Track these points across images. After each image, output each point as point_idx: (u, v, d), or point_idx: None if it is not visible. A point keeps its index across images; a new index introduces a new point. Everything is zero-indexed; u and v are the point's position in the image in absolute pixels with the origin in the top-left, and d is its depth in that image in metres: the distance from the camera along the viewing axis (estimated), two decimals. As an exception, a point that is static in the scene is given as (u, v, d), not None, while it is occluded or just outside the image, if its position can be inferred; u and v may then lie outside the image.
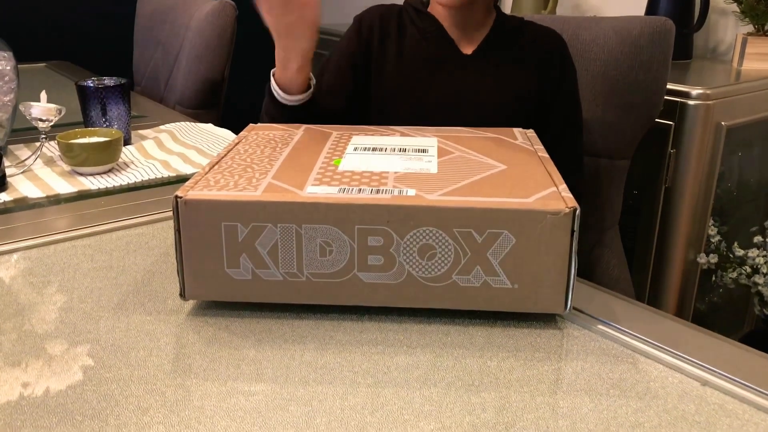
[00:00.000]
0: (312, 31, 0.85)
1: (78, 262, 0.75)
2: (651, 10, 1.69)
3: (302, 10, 0.82)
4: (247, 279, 0.62)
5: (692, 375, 0.55)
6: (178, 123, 1.30)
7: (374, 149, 0.75)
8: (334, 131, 0.83)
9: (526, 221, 0.59)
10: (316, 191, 0.62)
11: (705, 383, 0.54)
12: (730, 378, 0.55)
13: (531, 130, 0.85)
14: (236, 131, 1.24)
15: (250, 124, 0.89)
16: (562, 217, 0.59)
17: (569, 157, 1.02)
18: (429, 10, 1.05)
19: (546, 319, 0.64)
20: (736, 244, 1.39)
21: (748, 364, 0.57)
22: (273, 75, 0.93)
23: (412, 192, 0.62)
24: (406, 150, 0.75)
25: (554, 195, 0.61)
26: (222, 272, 0.62)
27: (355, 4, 2.77)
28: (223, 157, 0.73)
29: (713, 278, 1.46)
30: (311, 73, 0.93)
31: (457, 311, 0.64)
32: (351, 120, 1.08)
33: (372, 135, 0.82)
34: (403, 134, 0.82)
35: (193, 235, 0.62)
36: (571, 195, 0.61)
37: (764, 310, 1.36)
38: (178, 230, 0.62)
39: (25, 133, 1.23)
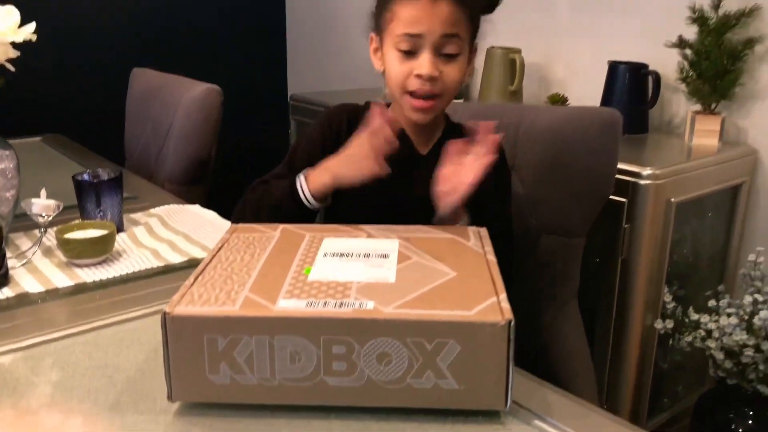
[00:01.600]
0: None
1: (77, 360, 0.83)
2: (609, 86, 1.82)
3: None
4: (226, 383, 0.71)
5: (611, 469, 0.64)
6: (166, 206, 1.39)
7: (342, 255, 0.85)
8: (308, 233, 0.93)
9: (469, 332, 0.69)
10: (286, 306, 0.71)
11: (621, 477, 0.63)
12: (643, 471, 0.63)
13: (484, 229, 0.95)
14: (223, 207, 1.33)
15: (231, 225, 0.99)
16: (499, 328, 0.68)
17: (505, 245, 1.14)
18: (390, 110, 1.16)
19: (490, 415, 0.72)
20: (691, 308, 1.49)
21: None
22: (305, 176, 1.05)
23: (371, 305, 0.71)
24: (370, 255, 0.85)
25: (493, 306, 0.71)
26: (204, 377, 0.71)
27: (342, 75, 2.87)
28: (207, 265, 0.82)
29: (671, 341, 1.55)
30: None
31: (412, 409, 0.73)
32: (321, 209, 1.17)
33: (341, 237, 0.91)
34: (369, 235, 0.92)
35: (179, 345, 0.71)
36: (508, 306, 0.71)
37: (718, 372, 1.45)
38: (166, 342, 0.71)
39: (24, 219, 1.31)
